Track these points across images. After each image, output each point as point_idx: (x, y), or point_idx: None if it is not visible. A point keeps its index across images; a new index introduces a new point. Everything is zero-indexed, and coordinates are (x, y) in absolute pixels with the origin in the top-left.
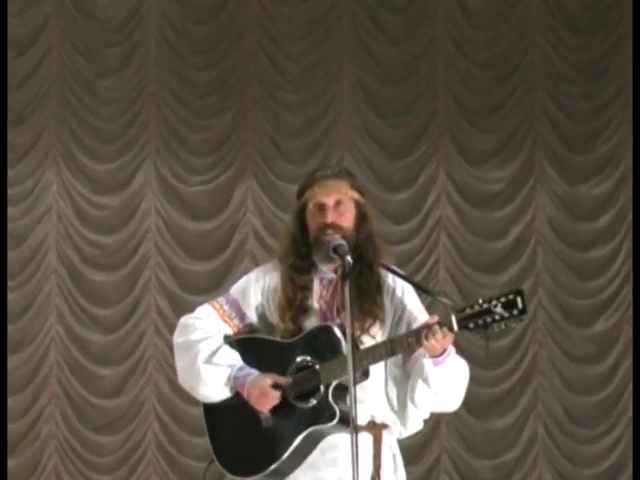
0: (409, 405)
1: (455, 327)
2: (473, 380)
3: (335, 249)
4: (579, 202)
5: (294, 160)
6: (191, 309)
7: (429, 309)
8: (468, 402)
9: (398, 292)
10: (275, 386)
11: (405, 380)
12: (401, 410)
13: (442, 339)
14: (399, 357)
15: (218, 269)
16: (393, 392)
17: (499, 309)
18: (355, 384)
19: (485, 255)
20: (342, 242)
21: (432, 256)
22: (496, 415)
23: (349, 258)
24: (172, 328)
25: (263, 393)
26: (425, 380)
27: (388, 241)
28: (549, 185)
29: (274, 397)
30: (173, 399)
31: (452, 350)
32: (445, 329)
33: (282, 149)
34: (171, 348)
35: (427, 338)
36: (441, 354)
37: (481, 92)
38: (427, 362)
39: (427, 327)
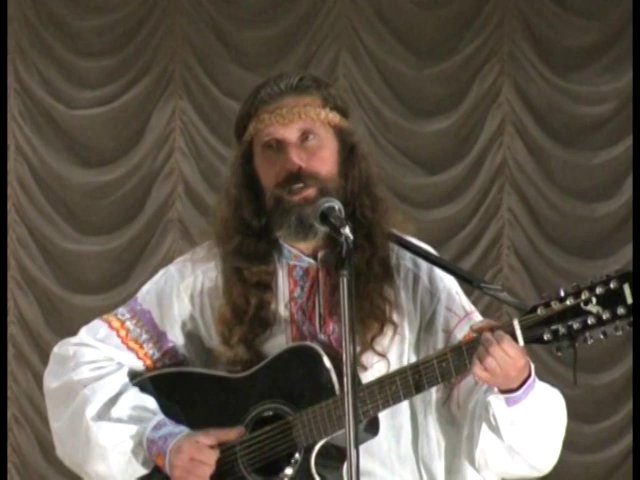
0: (465, 469)
1: (520, 339)
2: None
3: (324, 216)
4: None
5: (252, 63)
6: (73, 325)
7: (486, 315)
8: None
9: (424, 280)
10: (217, 447)
11: (450, 430)
12: None
13: (510, 356)
14: (435, 394)
15: (123, 251)
16: (431, 455)
17: (593, 306)
18: (357, 445)
19: (582, 226)
20: (333, 203)
21: (490, 227)
22: None
23: (348, 231)
24: (42, 354)
25: (194, 458)
26: (494, 429)
27: (416, 202)
28: None
29: (211, 462)
30: (46, 474)
31: (534, 377)
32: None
33: (232, 44)
34: (40, 387)
35: (483, 358)
36: (520, 385)
37: None
38: (495, 400)
39: (476, 339)
